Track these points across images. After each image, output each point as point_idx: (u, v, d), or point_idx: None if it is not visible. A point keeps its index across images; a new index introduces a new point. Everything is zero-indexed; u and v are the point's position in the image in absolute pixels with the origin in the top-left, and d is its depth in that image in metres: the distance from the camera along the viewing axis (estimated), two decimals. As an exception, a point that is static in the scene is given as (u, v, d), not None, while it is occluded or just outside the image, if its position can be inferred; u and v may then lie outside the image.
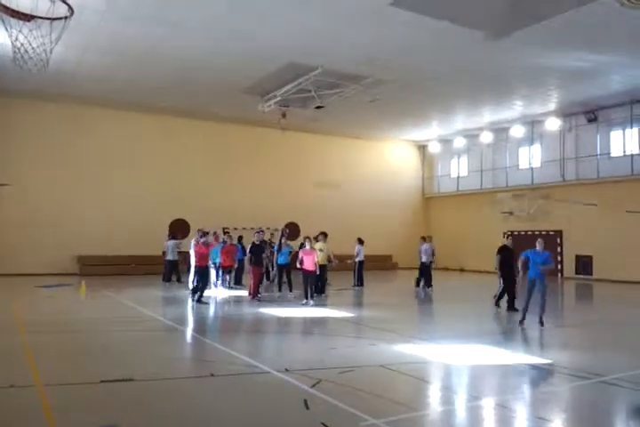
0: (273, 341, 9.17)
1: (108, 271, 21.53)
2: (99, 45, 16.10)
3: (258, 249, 14.55)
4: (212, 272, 15.73)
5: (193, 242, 14.78)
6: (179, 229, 20.51)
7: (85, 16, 13.52)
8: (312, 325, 11.15)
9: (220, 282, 16.15)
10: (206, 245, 14.03)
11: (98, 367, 6.86)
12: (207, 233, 15.17)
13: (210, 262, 14.40)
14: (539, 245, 10.86)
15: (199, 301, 13.28)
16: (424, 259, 18.27)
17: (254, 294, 14.26)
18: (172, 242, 18.91)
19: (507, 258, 13.32)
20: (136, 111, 23.43)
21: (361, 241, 18.37)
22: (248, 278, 15.05)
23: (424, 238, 19.18)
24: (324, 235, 15.43)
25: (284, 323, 11.21)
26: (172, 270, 18.80)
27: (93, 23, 14.27)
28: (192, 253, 14.55)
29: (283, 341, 9.31)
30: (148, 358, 7.50)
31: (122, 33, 15.12)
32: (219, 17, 14.04)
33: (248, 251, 14.91)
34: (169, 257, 18.75)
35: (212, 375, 6.47)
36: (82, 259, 22.06)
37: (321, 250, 14.67)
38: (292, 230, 22.72)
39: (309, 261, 13.17)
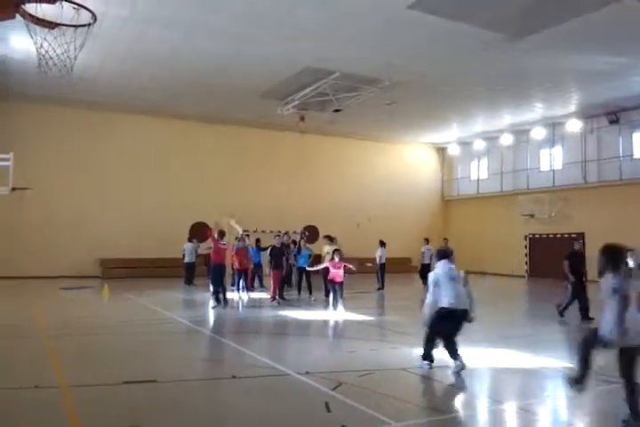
0: (293, 343, 9.18)
1: (130, 274, 21.73)
2: (120, 51, 16.33)
3: (278, 252, 14.60)
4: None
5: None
6: (199, 231, 20.64)
7: (107, 23, 13.70)
8: (332, 328, 11.14)
9: (238, 285, 16.11)
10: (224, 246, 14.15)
11: (120, 369, 6.93)
12: (224, 233, 15.21)
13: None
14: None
15: (222, 302, 13.38)
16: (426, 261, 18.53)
17: (274, 296, 14.31)
18: (189, 244, 19.07)
19: (576, 264, 12.09)
20: (155, 116, 23.68)
21: (383, 244, 18.38)
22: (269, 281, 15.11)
23: (426, 240, 19.56)
24: (329, 238, 15.46)
25: (304, 326, 11.21)
26: (190, 273, 18.89)
27: (115, 29, 14.49)
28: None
29: (303, 343, 9.32)
30: (170, 360, 7.56)
31: (142, 39, 15.32)
32: (237, 22, 14.14)
33: (268, 254, 14.97)
34: (186, 259, 18.92)
35: (234, 377, 6.50)
36: (104, 262, 22.32)
37: (328, 253, 14.67)
38: (311, 233, 22.75)
39: (337, 273, 12.95)
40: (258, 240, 18.10)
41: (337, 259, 13.05)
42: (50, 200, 21.64)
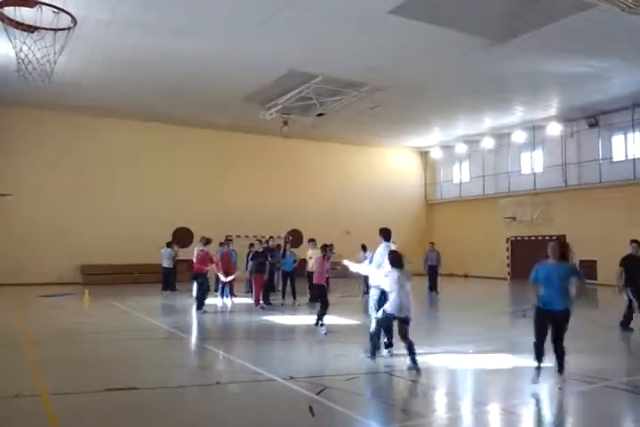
0: (277, 348, 9.15)
1: (112, 280, 21.53)
2: (102, 55, 16.20)
3: (260, 256, 14.58)
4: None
5: (195, 250, 14.76)
6: (181, 237, 20.46)
7: (89, 27, 13.63)
8: (317, 332, 11.11)
9: (222, 291, 15.99)
10: (207, 252, 14.15)
11: (102, 376, 6.85)
12: (210, 240, 15.15)
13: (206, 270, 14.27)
14: None
15: (200, 308, 13.32)
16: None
17: (257, 301, 14.27)
18: (167, 250, 18.83)
19: (634, 269, 10.88)
20: (138, 120, 23.53)
21: (364, 248, 18.31)
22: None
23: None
24: (313, 241, 15.44)
25: (289, 331, 11.18)
26: (167, 278, 18.63)
27: (97, 34, 14.39)
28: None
29: (287, 348, 9.28)
30: (152, 367, 7.50)
31: (124, 43, 15.22)
32: (219, 26, 14.14)
33: (249, 258, 14.92)
34: (164, 264, 18.72)
35: (218, 383, 6.46)
36: (84, 268, 22.09)
37: (311, 258, 14.63)
38: (295, 237, 22.74)
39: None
40: (251, 245, 17.84)
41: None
42: (30, 206, 21.39)
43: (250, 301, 15.18)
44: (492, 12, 13.13)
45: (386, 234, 9.33)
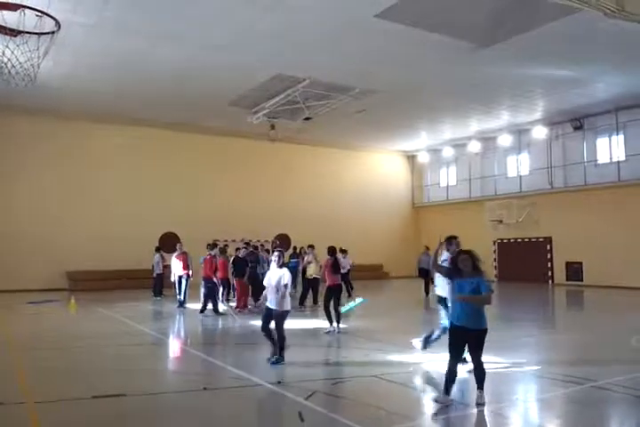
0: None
1: (98, 286, 21.31)
2: (87, 59, 16.13)
3: (240, 261, 14.69)
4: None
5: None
6: (167, 242, 20.21)
7: (74, 31, 13.57)
8: (305, 336, 11.08)
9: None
10: (214, 257, 14.22)
11: (89, 383, 6.77)
12: (215, 245, 15.16)
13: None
14: None
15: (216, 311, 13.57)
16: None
17: (240, 305, 14.29)
18: (156, 255, 18.73)
19: None
20: (124, 125, 23.35)
21: (344, 251, 18.02)
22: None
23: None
24: (312, 247, 15.47)
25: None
26: (156, 284, 18.47)
27: (82, 37, 14.33)
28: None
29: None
30: (139, 373, 7.42)
31: (110, 47, 15.17)
32: (205, 30, 14.13)
33: (231, 263, 14.91)
34: (155, 270, 18.59)
35: (205, 389, 6.41)
36: (71, 274, 21.86)
37: (310, 262, 14.72)
38: (283, 241, 22.69)
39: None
40: (256, 247, 17.66)
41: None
42: (16, 212, 21.18)
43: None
44: (477, 17, 13.24)
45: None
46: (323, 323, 12.19)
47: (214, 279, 13.88)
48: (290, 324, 12.11)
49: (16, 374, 7.26)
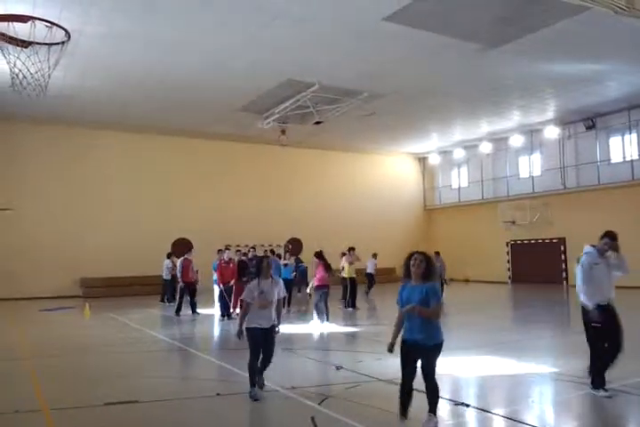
0: (278, 358, 9.04)
1: (111, 293, 21.48)
2: (98, 69, 16.30)
3: (242, 266, 14.72)
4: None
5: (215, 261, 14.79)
6: (180, 248, 20.24)
7: (85, 40, 13.73)
8: (317, 341, 11.07)
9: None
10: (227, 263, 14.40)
11: (102, 390, 6.80)
12: (222, 251, 15.27)
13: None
14: None
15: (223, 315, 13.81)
16: None
17: (232, 307, 14.40)
18: (166, 261, 18.79)
19: None
20: (136, 132, 23.59)
21: (344, 254, 18.01)
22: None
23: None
24: (353, 249, 16.17)
25: (288, 340, 11.11)
26: (166, 290, 18.52)
27: (93, 47, 14.48)
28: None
29: (288, 358, 9.20)
30: (152, 379, 7.45)
31: (121, 55, 15.31)
32: (215, 37, 14.21)
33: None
34: (164, 276, 18.66)
35: (218, 395, 6.42)
36: (84, 281, 22.04)
37: (352, 263, 16.04)
38: (295, 246, 22.71)
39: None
40: (272, 252, 17.72)
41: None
42: (29, 220, 21.40)
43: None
44: (485, 18, 13.19)
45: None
46: (337, 327, 12.18)
47: (222, 285, 14.06)
48: (297, 328, 12.14)
49: (30, 382, 7.31)
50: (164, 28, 13.67)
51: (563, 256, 24.45)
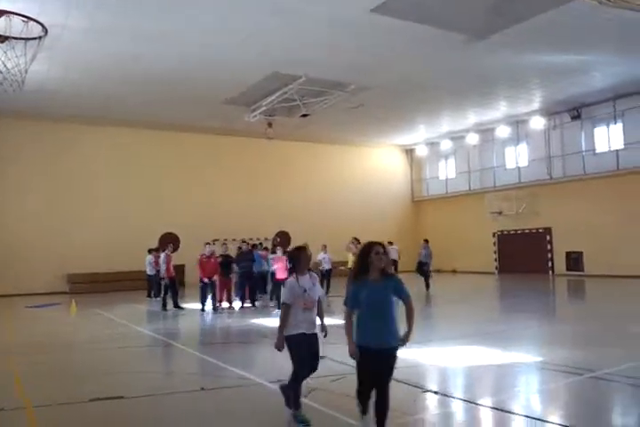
0: (263, 351, 9.08)
1: (99, 289, 21.35)
2: (81, 63, 16.11)
3: (225, 261, 14.87)
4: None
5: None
6: (167, 242, 20.05)
7: (67, 34, 13.55)
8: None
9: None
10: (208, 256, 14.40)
11: (87, 386, 6.76)
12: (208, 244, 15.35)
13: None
14: None
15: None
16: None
17: (218, 302, 14.62)
18: (148, 257, 18.62)
19: None
20: (120, 126, 23.35)
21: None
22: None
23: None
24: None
25: (272, 333, 11.07)
26: (152, 285, 18.36)
27: (75, 41, 14.28)
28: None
29: (273, 351, 9.16)
30: (138, 375, 7.42)
31: (103, 49, 15.13)
32: (200, 29, 14.07)
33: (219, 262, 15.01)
34: (147, 272, 18.51)
35: (203, 389, 6.41)
36: (71, 277, 21.87)
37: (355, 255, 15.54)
38: (283, 239, 22.69)
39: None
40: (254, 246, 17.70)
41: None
42: (14, 216, 21.18)
43: (243, 305, 15.15)
44: (472, 8, 13.13)
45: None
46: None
47: (205, 279, 14.15)
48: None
49: (14, 379, 7.25)
50: (148, 21, 13.47)
51: (549, 246, 24.64)
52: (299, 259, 5.29)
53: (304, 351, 5.19)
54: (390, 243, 20.76)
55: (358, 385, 4.62)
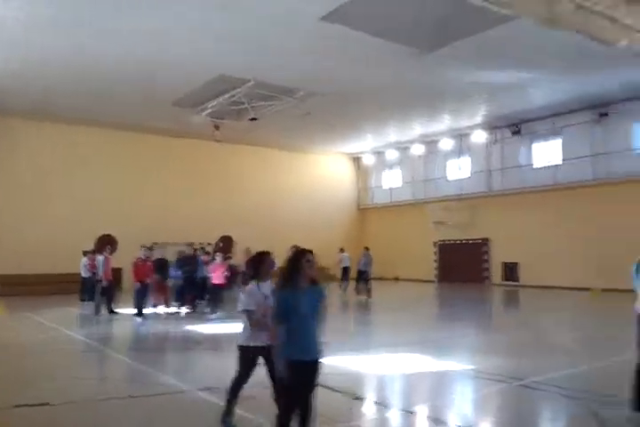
0: (196, 358, 8.89)
1: (30, 291, 20.37)
2: (21, 56, 15.48)
3: (159, 264, 14.67)
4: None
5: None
6: (103, 244, 19.34)
7: (6, 26, 12.98)
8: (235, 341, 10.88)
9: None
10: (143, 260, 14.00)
11: (12, 392, 6.47)
12: (150, 248, 14.92)
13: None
14: None
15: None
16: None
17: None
18: (83, 259, 17.90)
19: None
20: (65, 124, 22.51)
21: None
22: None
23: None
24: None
25: (209, 340, 10.87)
26: (84, 288, 17.59)
27: (13, 33, 13.73)
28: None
29: (204, 358, 8.99)
30: (65, 381, 7.11)
31: (44, 43, 14.56)
32: (146, 28, 13.73)
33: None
34: (82, 274, 17.76)
35: (131, 397, 6.20)
36: (2, 278, 20.83)
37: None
38: (226, 244, 22.40)
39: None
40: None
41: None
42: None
43: (178, 310, 14.79)
44: (420, 23, 13.34)
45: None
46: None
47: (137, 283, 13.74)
48: (222, 328, 11.88)
49: None
50: (92, 15, 12.99)
51: (485, 256, 25.34)
52: (262, 264, 5.01)
53: (254, 363, 5.13)
54: (342, 250, 21.08)
55: (286, 405, 4.30)
